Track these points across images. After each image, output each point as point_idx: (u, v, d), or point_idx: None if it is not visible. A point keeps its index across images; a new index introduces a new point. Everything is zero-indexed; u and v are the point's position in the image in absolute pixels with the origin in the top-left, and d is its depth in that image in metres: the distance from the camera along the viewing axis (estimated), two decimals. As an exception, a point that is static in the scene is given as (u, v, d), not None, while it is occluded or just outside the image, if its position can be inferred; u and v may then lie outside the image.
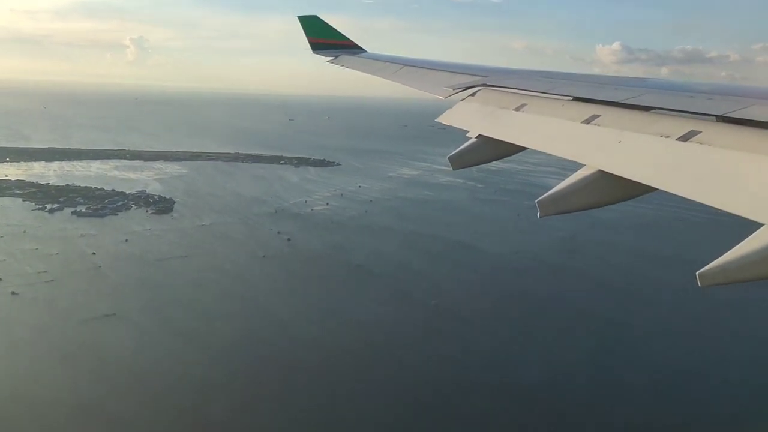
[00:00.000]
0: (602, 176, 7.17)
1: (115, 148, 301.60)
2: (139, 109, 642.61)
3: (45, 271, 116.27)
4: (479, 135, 9.96)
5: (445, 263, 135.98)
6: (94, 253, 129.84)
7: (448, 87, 12.42)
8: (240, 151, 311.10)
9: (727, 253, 5.43)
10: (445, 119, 11.39)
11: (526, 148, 9.22)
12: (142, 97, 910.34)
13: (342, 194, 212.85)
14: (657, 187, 6.46)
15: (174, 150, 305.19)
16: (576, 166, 7.65)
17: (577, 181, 7.45)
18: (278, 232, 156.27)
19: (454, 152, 10.00)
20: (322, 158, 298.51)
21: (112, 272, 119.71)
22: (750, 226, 5.40)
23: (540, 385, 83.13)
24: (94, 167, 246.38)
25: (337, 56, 19.62)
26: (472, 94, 11.72)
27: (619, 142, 7.38)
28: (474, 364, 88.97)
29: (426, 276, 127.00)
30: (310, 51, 20.77)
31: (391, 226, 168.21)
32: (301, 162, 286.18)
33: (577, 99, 9.34)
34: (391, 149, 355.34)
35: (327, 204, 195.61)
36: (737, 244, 5.44)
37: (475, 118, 10.70)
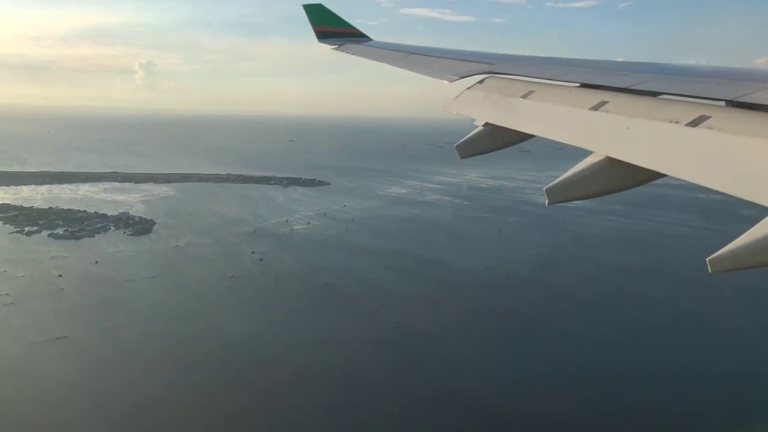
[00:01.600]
0: (611, 163, 7.12)
1: (108, 171, 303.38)
2: (141, 132, 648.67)
3: (6, 294, 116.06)
4: (486, 123, 9.93)
5: (414, 280, 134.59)
6: (60, 276, 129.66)
7: (455, 75, 12.18)
8: (232, 172, 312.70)
9: (737, 239, 5.38)
10: (451, 108, 11.30)
11: (533, 136, 9.15)
12: (147, 121, 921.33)
13: (325, 213, 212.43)
14: (666, 173, 6.35)
15: (166, 172, 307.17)
16: (584, 154, 7.63)
17: (585, 168, 7.38)
18: (252, 252, 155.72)
19: (462, 141, 9.96)
20: (312, 178, 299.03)
21: (75, 294, 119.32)
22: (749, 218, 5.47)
23: (493, 399, 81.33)
24: (83, 190, 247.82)
25: (342, 44, 19.20)
26: (479, 82, 11.60)
27: (628, 128, 7.29)
28: (425, 378, 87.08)
29: (392, 293, 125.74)
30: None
31: (367, 245, 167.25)
32: (291, 182, 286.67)
33: (584, 85, 9.22)
34: (384, 168, 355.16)
35: (308, 223, 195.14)
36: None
37: (481, 105, 10.63)
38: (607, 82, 8.89)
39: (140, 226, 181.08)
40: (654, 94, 7.91)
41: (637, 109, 7.56)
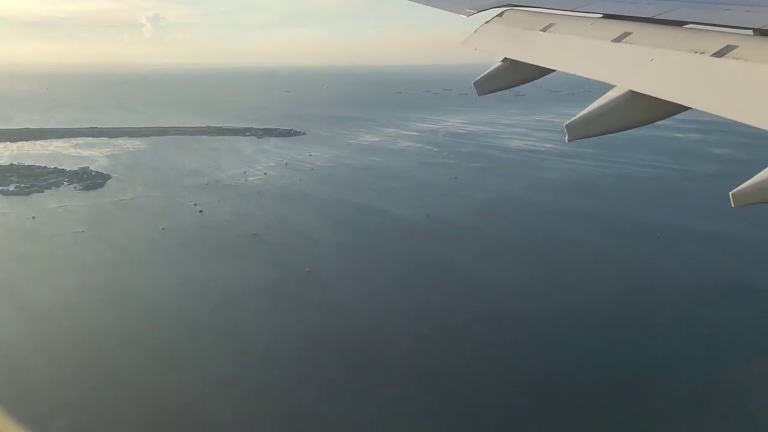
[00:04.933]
0: (633, 97, 6.96)
1: (87, 126, 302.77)
2: (140, 87, 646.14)
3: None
4: (505, 58, 9.69)
5: (344, 229, 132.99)
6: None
7: (473, 8, 11.59)
8: (212, 125, 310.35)
9: (762, 172, 5.33)
10: (469, 43, 10.91)
11: (553, 71, 9.00)
12: (151, 76, 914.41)
13: (287, 163, 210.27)
14: (691, 106, 6.19)
15: (145, 126, 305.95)
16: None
17: (607, 103, 7.20)
18: (195, 204, 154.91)
19: (480, 77, 9.75)
20: (290, 128, 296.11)
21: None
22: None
23: (389, 349, 79.68)
24: (54, 146, 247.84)
25: None
26: (498, 15, 11.16)
27: (651, 60, 7.10)
28: (312, 329, 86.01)
29: (316, 243, 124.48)
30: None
31: (313, 194, 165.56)
32: (266, 133, 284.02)
33: (607, 16, 8.90)
34: (368, 116, 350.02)
35: (265, 174, 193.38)
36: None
37: (500, 40, 10.33)
38: (630, 12, 8.57)
39: (94, 181, 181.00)
40: (680, 23, 7.53)
41: (662, 40, 7.24)
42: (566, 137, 7.29)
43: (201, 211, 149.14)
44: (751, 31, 6.48)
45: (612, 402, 67.18)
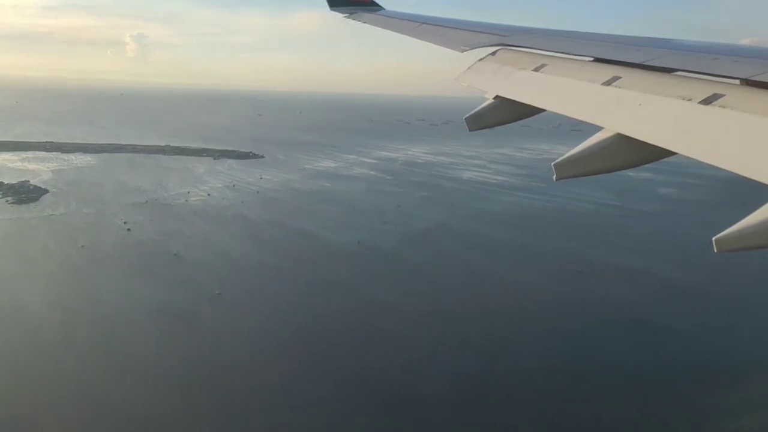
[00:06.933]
0: (621, 139, 7.00)
1: (43, 140, 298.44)
2: (113, 104, 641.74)
3: None
4: (496, 96, 9.76)
5: (268, 252, 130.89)
6: None
7: (467, 45, 11.90)
8: (171, 144, 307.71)
9: (745, 219, 5.39)
10: (462, 79, 11.13)
11: (544, 110, 9.09)
12: (129, 94, 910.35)
13: (234, 185, 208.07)
14: (677, 151, 6.26)
15: (102, 142, 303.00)
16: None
17: (595, 144, 7.24)
18: (124, 222, 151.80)
19: (471, 114, 9.80)
20: (249, 151, 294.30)
21: None
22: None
23: (267, 374, 77.42)
24: (1, 158, 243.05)
25: (353, 13, 19.17)
26: (492, 54, 11.37)
27: (640, 104, 7.17)
28: (203, 351, 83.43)
29: (234, 264, 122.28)
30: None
31: (250, 216, 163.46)
32: (223, 154, 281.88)
33: (598, 60, 9.08)
34: (332, 142, 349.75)
35: (208, 195, 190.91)
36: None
37: (492, 78, 10.47)
38: (620, 57, 8.73)
39: (29, 195, 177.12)
40: (668, 70, 7.66)
41: (650, 86, 7.37)
42: (554, 176, 7.25)
43: (129, 230, 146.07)
44: (738, 81, 6.51)
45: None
